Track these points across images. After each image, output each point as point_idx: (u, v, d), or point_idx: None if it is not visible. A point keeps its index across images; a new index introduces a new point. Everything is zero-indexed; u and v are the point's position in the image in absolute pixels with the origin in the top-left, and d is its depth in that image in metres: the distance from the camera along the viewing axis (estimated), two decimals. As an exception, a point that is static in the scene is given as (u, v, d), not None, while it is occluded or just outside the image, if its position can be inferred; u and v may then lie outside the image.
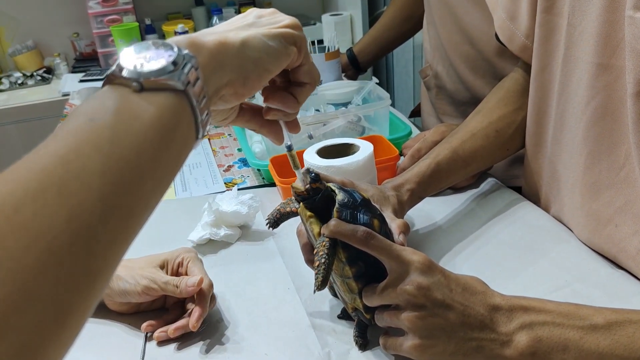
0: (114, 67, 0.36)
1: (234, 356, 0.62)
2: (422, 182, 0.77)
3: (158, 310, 0.69)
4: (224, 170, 1.11)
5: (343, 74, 1.51)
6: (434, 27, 1.21)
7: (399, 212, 0.72)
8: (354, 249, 0.55)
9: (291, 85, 0.51)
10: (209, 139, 1.28)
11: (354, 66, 1.57)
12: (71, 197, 0.28)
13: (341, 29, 2.20)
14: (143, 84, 0.35)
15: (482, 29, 1.07)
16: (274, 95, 0.50)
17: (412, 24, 1.48)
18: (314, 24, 2.32)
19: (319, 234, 0.57)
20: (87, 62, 2.31)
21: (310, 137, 1.04)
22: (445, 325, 0.51)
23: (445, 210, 0.87)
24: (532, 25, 0.75)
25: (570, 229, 0.77)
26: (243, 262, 0.79)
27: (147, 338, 0.65)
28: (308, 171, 0.57)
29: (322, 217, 0.57)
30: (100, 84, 1.49)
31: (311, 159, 0.85)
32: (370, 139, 0.96)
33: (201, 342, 0.64)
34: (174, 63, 0.36)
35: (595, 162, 0.68)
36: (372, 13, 2.25)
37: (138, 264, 0.67)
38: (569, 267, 0.71)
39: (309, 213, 0.58)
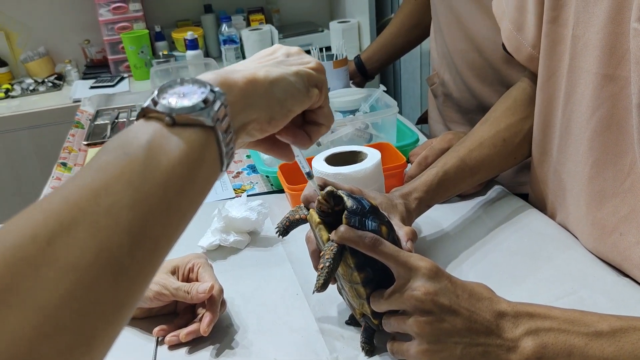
0: (148, 101, 0.38)
1: (243, 360, 0.63)
2: (429, 190, 0.78)
3: (168, 315, 0.70)
4: (233, 177, 1.13)
5: (351, 81, 1.52)
6: (441, 35, 1.22)
7: (407, 220, 0.73)
8: (362, 256, 0.56)
9: (306, 123, 0.53)
10: (218, 146, 1.29)
11: (361, 73, 1.58)
12: (101, 231, 0.30)
13: (349, 36, 2.22)
14: (176, 119, 0.36)
15: (488, 37, 1.08)
16: (288, 130, 0.51)
17: (419, 31, 1.49)
18: (322, 31, 2.34)
19: (328, 240, 0.58)
20: (97, 68, 2.34)
21: (319, 144, 1.05)
22: (452, 330, 0.52)
23: (452, 217, 0.88)
24: (538, 35, 0.76)
25: (576, 237, 0.78)
26: (252, 268, 0.80)
27: (158, 342, 0.67)
28: (330, 194, 0.57)
29: (331, 224, 0.59)
30: (110, 90, 1.54)
31: (319, 166, 0.86)
32: (377, 146, 0.97)
33: (211, 347, 0.65)
34: (205, 100, 0.37)
35: (600, 172, 0.69)
36: (380, 20, 2.26)
37: None
38: (575, 274, 0.71)
39: (318, 220, 0.59)
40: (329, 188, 0.57)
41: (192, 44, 1.83)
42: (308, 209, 0.62)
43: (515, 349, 0.51)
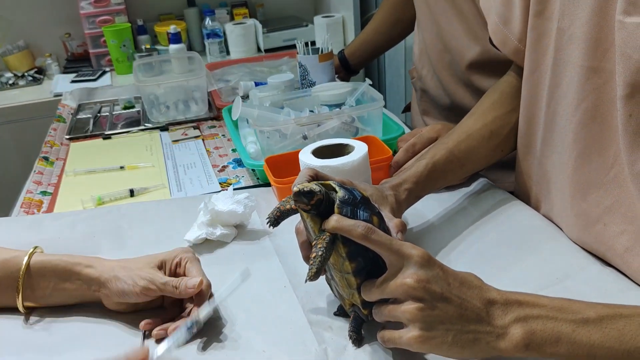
0: None
1: (231, 353, 0.62)
2: (419, 182, 0.78)
3: (155, 309, 0.70)
4: (218, 171, 1.12)
5: (336, 76, 1.52)
6: (421, 32, 1.24)
7: (397, 211, 0.74)
8: (354, 245, 0.56)
9: None
10: (202, 140, 1.29)
11: (345, 68, 1.58)
12: None
13: (333, 30, 2.21)
14: None
15: (460, 40, 1.09)
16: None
17: (400, 28, 1.49)
18: (306, 25, 2.33)
19: (319, 230, 0.58)
20: (78, 62, 2.31)
21: (305, 137, 1.05)
22: (444, 317, 0.52)
23: (438, 208, 0.88)
24: (524, 29, 0.77)
25: (560, 228, 0.79)
26: (239, 261, 0.80)
27: (145, 336, 0.66)
28: (300, 194, 0.56)
29: (322, 214, 0.58)
30: (92, 84, 1.51)
31: (306, 159, 0.86)
32: (363, 139, 0.97)
33: (199, 340, 0.64)
34: None
35: (585, 163, 0.70)
36: (364, 15, 2.27)
37: (136, 265, 0.68)
38: (559, 264, 0.72)
39: None
40: (295, 188, 0.56)
41: (175, 38, 1.81)
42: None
43: (505, 335, 0.52)
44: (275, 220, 0.63)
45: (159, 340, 0.65)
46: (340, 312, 0.66)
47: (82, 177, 1.14)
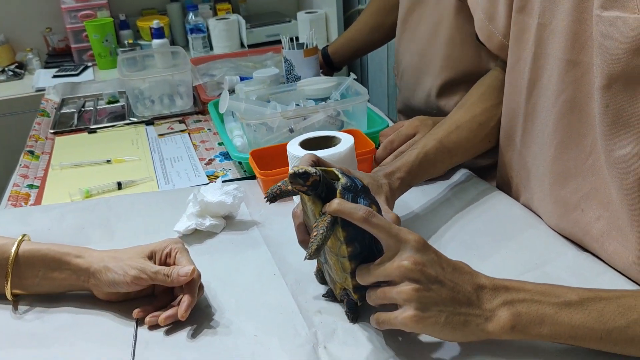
0: None
1: (224, 338, 0.64)
2: (411, 171, 0.81)
3: (146, 297, 0.70)
4: (205, 164, 1.13)
5: (320, 71, 1.53)
6: (398, 33, 1.26)
7: (390, 199, 0.76)
8: (352, 230, 0.58)
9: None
10: (189, 134, 1.29)
11: (327, 65, 1.59)
12: None
13: (316, 26, 2.22)
14: None
15: (432, 54, 1.11)
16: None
17: (382, 34, 1.49)
18: (289, 21, 2.34)
19: (320, 213, 0.59)
20: (60, 57, 2.28)
21: (291, 130, 1.06)
22: (438, 299, 0.55)
23: (422, 199, 0.90)
24: (508, 24, 0.80)
25: (539, 216, 0.82)
26: (229, 251, 0.81)
27: (138, 323, 0.67)
28: (295, 175, 0.57)
29: (322, 198, 0.60)
30: (74, 79, 1.51)
31: (294, 150, 0.87)
32: (347, 132, 0.99)
33: (189, 327, 0.65)
34: None
35: (564, 152, 0.72)
36: (347, 11, 2.28)
37: (126, 255, 0.68)
38: (539, 250, 0.75)
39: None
40: (291, 170, 0.58)
41: (158, 33, 1.81)
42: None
43: (492, 318, 0.55)
44: (274, 197, 0.64)
45: (151, 328, 0.66)
46: (329, 295, 0.68)
47: (69, 170, 1.14)
